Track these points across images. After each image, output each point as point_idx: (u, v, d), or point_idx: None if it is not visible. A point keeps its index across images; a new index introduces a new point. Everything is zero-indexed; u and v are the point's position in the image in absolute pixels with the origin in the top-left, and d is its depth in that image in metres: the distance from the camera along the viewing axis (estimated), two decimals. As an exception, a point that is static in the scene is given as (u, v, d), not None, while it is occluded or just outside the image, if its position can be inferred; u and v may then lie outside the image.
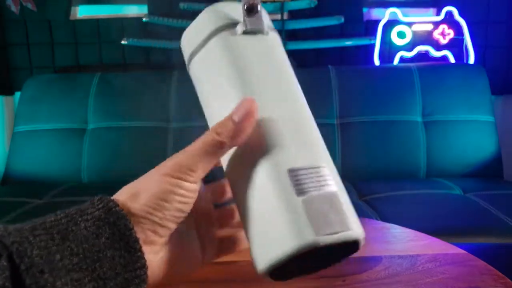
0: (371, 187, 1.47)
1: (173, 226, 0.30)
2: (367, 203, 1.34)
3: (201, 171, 0.30)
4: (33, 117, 1.71)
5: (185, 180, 0.29)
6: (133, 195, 0.29)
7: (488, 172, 1.63)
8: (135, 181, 0.31)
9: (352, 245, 0.28)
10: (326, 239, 0.25)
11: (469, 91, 1.70)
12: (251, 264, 0.29)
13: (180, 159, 0.29)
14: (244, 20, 0.32)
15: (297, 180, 0.27)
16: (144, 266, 0.27)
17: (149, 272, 0.28)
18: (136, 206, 0.28)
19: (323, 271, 0.45)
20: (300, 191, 0.26)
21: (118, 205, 0.28)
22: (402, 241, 0.54)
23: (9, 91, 1.92)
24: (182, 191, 0.29)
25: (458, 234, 1.09)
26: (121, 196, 0.30)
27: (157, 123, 1.68)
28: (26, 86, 1.75)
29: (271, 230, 0.27)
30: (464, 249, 0.49)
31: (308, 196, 0.26)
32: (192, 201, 0.30)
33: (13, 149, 1.69)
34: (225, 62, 0.32)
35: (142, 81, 1.76)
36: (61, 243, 0.25)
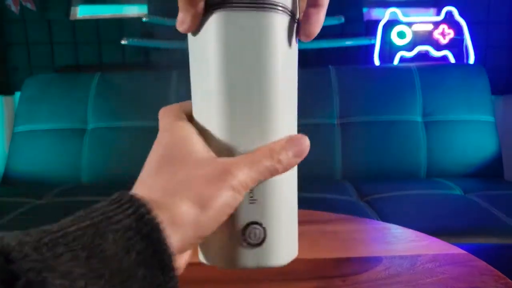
0: (371, 187, 1.47)
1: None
2: (368, 203, 1.33)
3: (250, 186, 0.28)
4: (33, 117, 1.71)
5: (239, 195, 0.27)
6: (193, 202, 0.26)
7: (488, 172, 1.63)
8: (174, 179, 0.27)
9: None
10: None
11: (469, 91, 1.70)
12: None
13: (238, 173, 0.27)
14: None
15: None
16: (176, 285, 0.24)
17: None
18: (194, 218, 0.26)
19: (324, 271, 0.45)
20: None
21: (151, 211, 0.24)
22: (403, 241, 0.53)
23: (8, 91, 1.92)
24: (235, 205, 0.28)
25: (458, 234, 1.09)
26: (155, 195, 0.26)
27: (157, 123, 1.66)
28: (25, 86, 1.75)
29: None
30: (465, 250, 0.49)
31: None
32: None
33: (13, 149, 1.69)
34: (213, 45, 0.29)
35: (142, 81, 1.76)
36: (85, 263, 0.21)
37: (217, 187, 0.26)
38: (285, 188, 0.31)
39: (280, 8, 0.29)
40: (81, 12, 1.94)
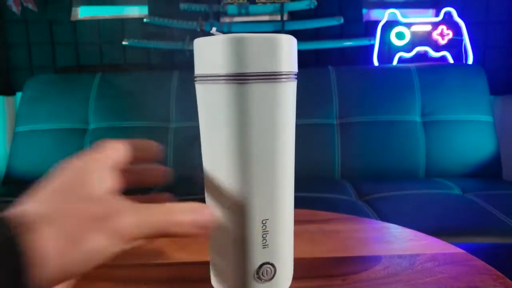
0: (370, 187, 1.48)
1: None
2: (367, 203, 1.34)
3: (135, 237, 0.27)
4: (34, 117, 1.71)
5: (116, 243, 0.26)
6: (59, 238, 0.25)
7: (487, 172, 1.63)
8: (60, 206, 0.26)
9: None
10: None
11: (468, 91, 1.70)
12: None
13: (120, 221, 0.26)
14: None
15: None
16: None
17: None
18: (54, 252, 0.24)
19: (324, 270, 0.46)
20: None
21: (19, 234, 0.24)
22: (402, 240, 0.54)
23: (10, 91, 1.93)
24: (107, 252, 0.26)
25: (457, 234, 1.10)
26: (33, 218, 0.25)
27: (157, 123, 1.68)
28: (27, 86, 1.76)
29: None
30: (463, 249, 0.49)
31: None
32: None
33: (14, 149, 1.69)
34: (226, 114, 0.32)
35: (143, 81, 1.76)
36: None
37: (91, 229, 0.25)
38: (289, 234, 0.37)
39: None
40: (82, 13, 1.95)
